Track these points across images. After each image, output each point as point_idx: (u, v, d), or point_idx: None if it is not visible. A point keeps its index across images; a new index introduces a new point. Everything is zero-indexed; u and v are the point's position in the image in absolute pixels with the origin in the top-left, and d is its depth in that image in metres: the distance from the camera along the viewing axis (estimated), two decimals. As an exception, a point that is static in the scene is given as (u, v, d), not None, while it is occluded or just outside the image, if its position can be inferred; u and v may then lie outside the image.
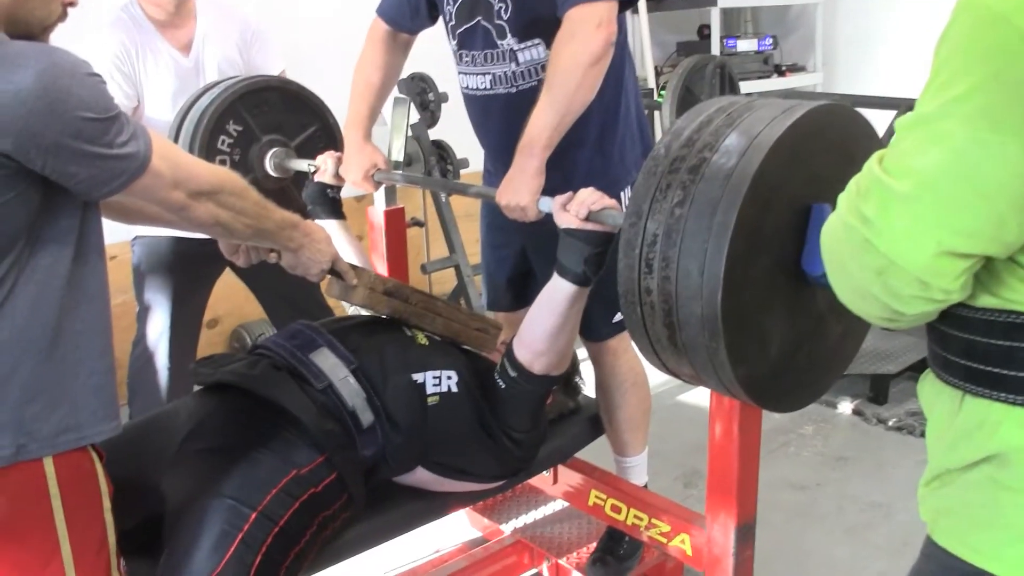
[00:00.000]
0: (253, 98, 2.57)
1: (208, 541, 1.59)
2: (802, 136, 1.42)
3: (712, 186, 1.39)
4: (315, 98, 2.72)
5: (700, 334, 1.43)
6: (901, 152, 0.99)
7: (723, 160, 1.40)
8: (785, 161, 1.40)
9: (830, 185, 1.45)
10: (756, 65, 5.82)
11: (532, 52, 2.16)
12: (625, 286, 1.51)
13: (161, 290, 2.99)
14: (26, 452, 1.35)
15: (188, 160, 1.55)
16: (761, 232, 1.41)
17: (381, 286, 2.03)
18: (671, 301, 1.44)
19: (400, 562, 2.71)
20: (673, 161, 1.46)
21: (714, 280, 1.37)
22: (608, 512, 2.28)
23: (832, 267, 1.11)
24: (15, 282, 1.33)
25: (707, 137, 1.46)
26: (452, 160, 4.17)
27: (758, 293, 1.45)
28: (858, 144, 1.53)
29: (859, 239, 1.01)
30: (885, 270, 1.00)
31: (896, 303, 1.02)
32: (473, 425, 1.94)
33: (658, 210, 1.44)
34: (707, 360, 1.48)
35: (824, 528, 2.97)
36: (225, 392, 1.86)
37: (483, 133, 2.40)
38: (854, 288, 1.07)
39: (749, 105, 1.51)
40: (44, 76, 1.27)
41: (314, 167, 2.42)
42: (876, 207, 0.99)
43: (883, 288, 1.01)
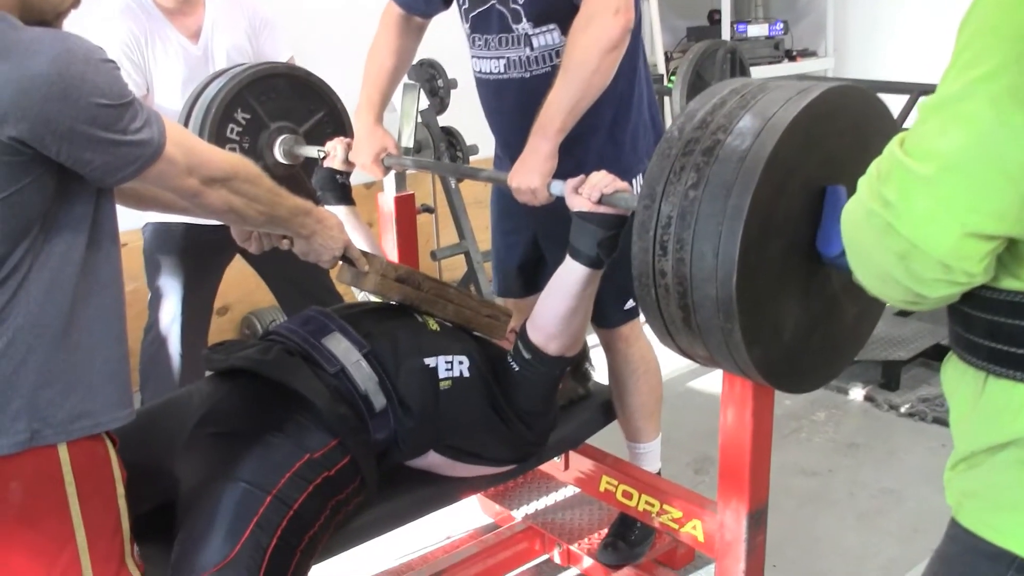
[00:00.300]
0: (261, 85, 2.57)
1: (223, 525, 1.59)
2: (816, 118, 1.42)
3: (726, 168, 1.39)
4: (322, 83, 2.71)
5: (715, 316, 1.44)
6: (923, 134, 0.98)
7: (737, 142, 1.40)
8: (799, 143, 1.40)
9: (844, 167, 1.44)
10: (767, 50, 5.79)
11: (547, 37, 2.15)
12: (639, 268, 1.51)
13: (172, 276, 3.00)
14: (41, 438, 1.36)
15: (202, 147, 1.55)
16: (775, 214, 1.41)
17: (393, 273, 2.03)
18: (685, 283, 1.44)
19: (412, 548, 2.72)
20: (687, 143, 1.46)
21: (729, 263, 1.37)
22: (619, 498, 2.28)
23: (853, 252, 1.10)
24: (29, 268, 1.34)
25: (721, 119, 1.45)
26: (462, 146, 4.16)
27: (772, 275, 1.45)
28: (873, 125, 1.53)
29: (881, 223, 1.00)
30: (907, 254, 0.99)
31: (919, 286, 1.02)
32: (485, 410, 1.95)
33: (672, 192, 1.44)
34: (722, 342, 1.48)
35: (835, 514, 2.97)
36: (238, 377, 1.87)
37: (495, 118, 2.39)
38: (876, 273, 1.07)
39: (763, 87, 1.51)
40: (58, 62, 1.27)
41: (323, 153, 2.42)
42: (898, 190, 0.98)
43: (906, 272, 1.01)
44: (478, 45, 2.27)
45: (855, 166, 1.46)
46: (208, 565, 1.56)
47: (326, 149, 2.41)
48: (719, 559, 2.04)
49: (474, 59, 2.32)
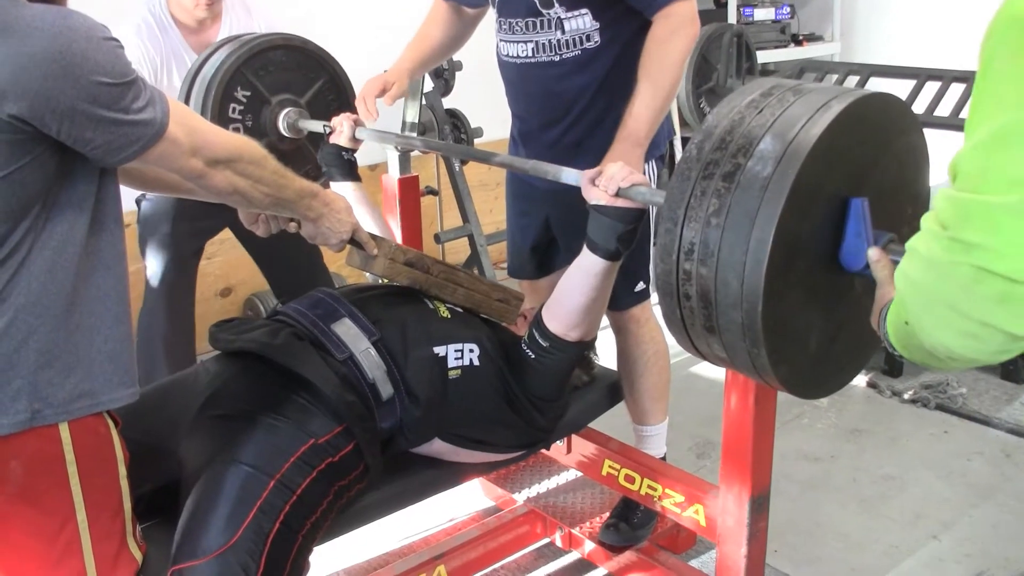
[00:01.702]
0: (258, 60, 2.53)
1: (226, 508, 1.59)
2: (839, 134, 1.39)
3: (748, 196, 1.36)
4: (320, 50, 2.65)
5: (741, 340, 1.43)
6: (989, 168, 0.94)
7: (759, 168, 1.37)
8: (822, 164, 1.37)
9: (866, 173, 1.44)
10: (773, 34, 5.75)
11: (579, 21, 2.17)
12: (664, 288, 1.49)
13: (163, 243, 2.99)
14: (41, 417, 1.36)
15: (206, 127, 1.54)
16: (799, 238, 1.39)
17: (402, 256, 2.02)
18: (711, 308, 1.43)
19: (414, 530, 2.73)
20: (707, 165, 1.43)
21: (754, 294, 1.36)
22: (622, 482, 2.28)
23: (931, 316, 1.04)
24: (31, 248, 1.33)
25: (740, 139, 1.42)
26: (466, 129, 4.15)
27: (797, 295, 1.44)
28: (894, 127, 1.50)
29: (968, 272, 0.95)
30: (1008, 295, 0.94)
31: (1019, 326, 0.96)
32: (495, 398, 1.94)
33: (694, 218, 1.42)
34: (749, 363, 1.48)
35: (838, 500, 2.97)
36: (245, 358, 1.86)
37: (520, 101, 2.40)
38: (965, 330, 1.00)
39: (782, 100, 1.46)
40: (60, 39, 1.25)
41: (329, 128, 2.39)
42: (984, 229, 0.93)
43: (1007, 316, 0.95)
44: (504, 29, 2.28)
45: (876, 169, 1.46)
46: (210, 549, 1.56)
47: (332, 124, 2.38)
48: (721, 543, 2.04)
49: (501, 43, 2.33)
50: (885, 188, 1.49)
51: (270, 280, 3.39)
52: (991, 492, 2.97)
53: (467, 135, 4.16)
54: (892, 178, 1.51)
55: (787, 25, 5.82)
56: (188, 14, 2.86)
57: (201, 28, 2.90)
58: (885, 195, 1.48)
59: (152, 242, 2.99)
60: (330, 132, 2.39)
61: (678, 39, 2.09)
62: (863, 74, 4.30)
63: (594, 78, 2.21)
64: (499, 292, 2.16)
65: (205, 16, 2.88)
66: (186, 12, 2.86)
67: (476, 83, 3.04)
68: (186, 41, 2.90)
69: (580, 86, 2.23)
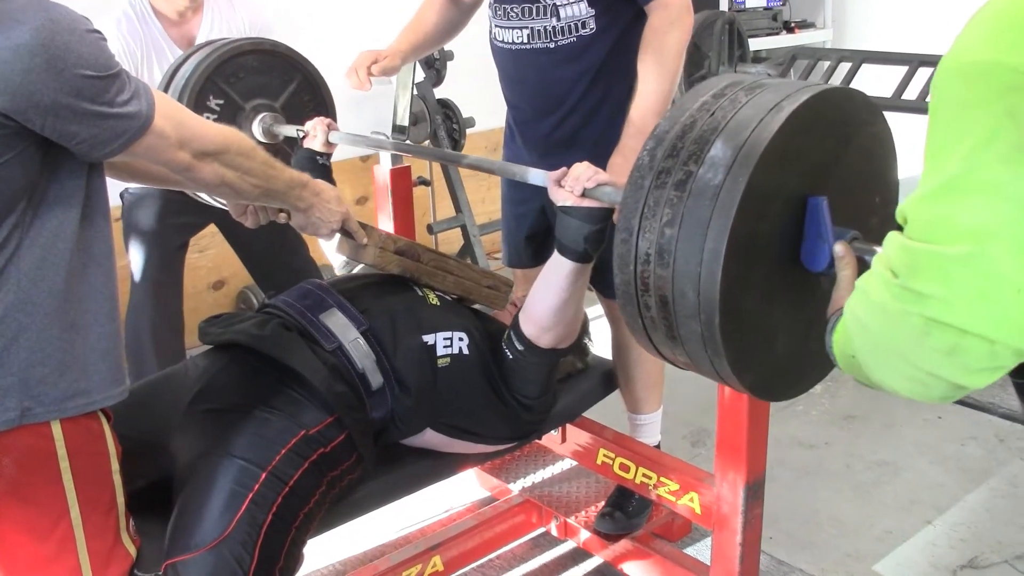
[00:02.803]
0: (229, 67, 2.46)
1: (218, 502, 1.59)
2: (793, 134, 1.33)
3: (700, 205, 1.32)
4: (292, 51, 2.60)
5: (703, 350, 1.40)
6: (938, 219, 0.93)
7: (710, 175, 1.32)
8: (776, 167, 1.33)
9: (827, 170, 1.40)
10: (765, 22, 5.76)
11: (574, 8, 2.17)
12: (624, 299, 1.46)
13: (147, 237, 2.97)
14: (31, 416, 1.35)
15: (193, 120, 1.52)
16: (757, 243, 1.35)
17: (392, 245, 2.01)
18: (671, 319, 1.40)
19: (410, 521, 2.73)
20: (659, 174, 1.38)
21: (710, 304, 1.32)
22: (616, 471, 2.28)
23: (878, 359, 1.03)
24: (19, 245, 1.32)
25: (691, 145, 1.37)
26: (458, 119, 4.14)
27: (759, 299, 1.40)
28: (856, 120, 1.45)
29: (919, 323, 0.94)
30: (956, 348, 0.93)
31: (967, 379, 0.96)
32: (484, 388, 1.94)
33: (648, 228, 1.38)
34: (713, 372, 1.45)
35: (832, 486, 2.97)
36: (235, 351, 1.86)
37: (514, 88, 2.39)
38: (912, 376, 0.99)
39: (734, 101, 1.41)
40: (42, 32, 1.24)
41: (303, 132, 2.36)
42: (935, 280, 0.92)
43: (954, 368, 0.95)
44: (499, 14, 2.28)
45: (839, 166, 1.41)
46: (204, 542, 1.56)
47: (306, 128, 2.35)
48: (716, 531, 2.04)
49: (496, 28, 2.32)
50: (851, 182, 1.44)
51: (256, 275, 3.38)
52: (985, 477, 2.98)
53: (459, 125, 4.16)
54: (858, 171, 1.47)
55: (779, 12, 5.82)
56: (169, 5, 2.82)
57: (183, 20, 2.87)
58: (851, 188, 1.44)
59: (136, 237, 2.98)
60: (303, 136, 2.36)
61: (676, 30, 2.09)
62: (855, 60, 4.30)
63: (590, 66, 2.21)
64: (489, 279, 2.16)
65: (186, 7, 2.83)
66: (167, 3, 2.82)
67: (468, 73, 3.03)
68: (167, 34, 2.86)
69: (575, 74, 2.22)
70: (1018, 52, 0.87)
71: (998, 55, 0.88)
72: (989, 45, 0.90)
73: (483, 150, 4.87)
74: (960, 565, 2.57)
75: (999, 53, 0.88)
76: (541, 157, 2.38)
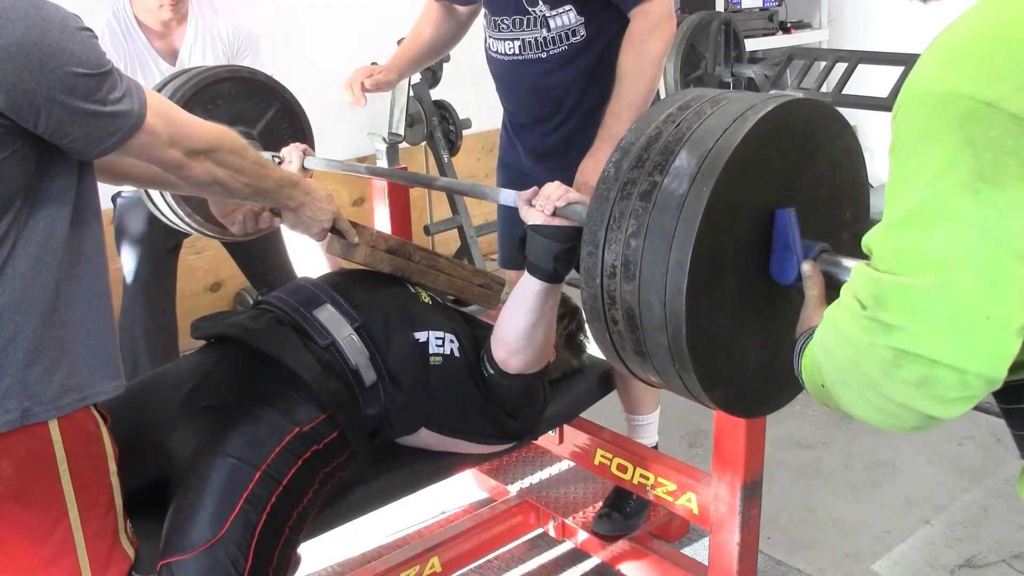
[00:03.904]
0: (206, 94, 2.40)
1: (212, 501, 1.59)
2: (758, 144, 1.32)
3: (665, 215, 1.31)
4: (269, 79, 2.57)
5: (671, 364, 1.38)
6: (903, 250, 0.93)
7: (674, 185, 1.31)
8: (742, 177, 1.31)
9: (794, 182, 1.38)
10: (761, 22, 5.75)
11: (563, 18, 2.18)
12: (591, 314, 1.45)
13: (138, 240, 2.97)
14: (31, 416, 1.34)
15: (185, 117, 1.52)
16: (722, 255, 1.33)
17: (383, 244, 2.01)
18: (638, 332, 1.38)
19: (407, 523, 2.73)
20: (624, 185, 1.38)
21: (677, 316, 1.30)
22: (614, 471, 2.28)
23: (848, 390, 1.01)
24: (14, 244, 1.32)
25: (656, 156, 1.37)
26: (454, 120, 4.14)
27: (726, 313, 1.38)
28: (820, 134, 1.44)
29: (887, 355, 0.93)
30: (926, 379, 0.92)
31: (939, 410, 0.95)
32: (473, 392, 1.93)
33: (614, 240, 1.37)
34: (682, 387, 1.43)
35: (830, 486, 2.97)
36: (228, 347, 1.86)
37: (509, 97, 2.42)
38: (883, 408, 0.98)
39: (699, 112, 1.40)
40: (33, 30, 1.24)
41: (279, 159, 2.32)
42: (902, 311, 0.92)
43: (926, 399, 0.94)
44: (492, 26, 2.30)
45: (806, 177, 1.40)
46: (198, 542, 1.56)
47: (281, 155, 2.31)
48: (714, 531, 2.05)
49: (489, 39, 2.35)
50: (819, 194, 1.43)
51: (251, 277, 3.38)
52: (982, 476, 2.98)
53: (455, 127, 4.16)
54: (826, 184, 1.45)
55: (775, 13, 5.82)
56: (153, 16, 2.81)
57: (167, 31, 2.86)
58: (820, 201, 1.43)
59: (128, 240, 2.97)
60: (280, 162, 2.34)
61: (655, 38, 2.11)
62: (851, 60, 4.31)
63: (582, 71, 2.22)
64: (481, 277, 2.16)
65: (170, 17, 2.82)
66: (151, 14, 2.81)
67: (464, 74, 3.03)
68: (151, 45, 2.85)
69: (568, 80, 2.24)
70: (974, 80, 0.88)
71: (955, 84, 0.89)
72: (946, 74, 0.90)
73: (479, 151, 4.87)
74: (958, 564, 2.57)
75: (956, 82, 0.89)
76: (537, 161, 2.39)
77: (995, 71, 0.87)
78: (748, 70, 4.58)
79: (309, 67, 4.19)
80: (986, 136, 0.87)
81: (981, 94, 0.87)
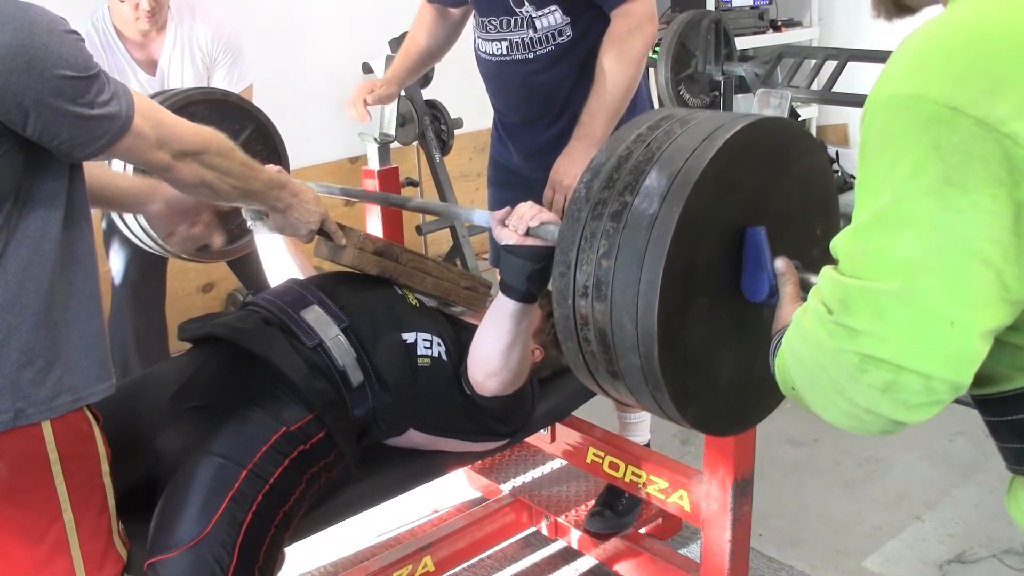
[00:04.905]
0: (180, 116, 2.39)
1: (198, 500, 1.59)
2: (728, 164, 1.32)
3: (636, 235, 1.31)
4: (243, 101, 2.53)
5: (643, 384, 1.37)
6: (872, 252, 0.92)
7: (645, 205, 1.31)
8: (712, 196, 1.31)
9: (764, 200, 1.39)
10: (751, 21, 5.76)
11: (549, 19, 2.19)
12: (564, 334, 1.44)
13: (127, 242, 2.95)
14: (24, 417, 1.35)
15: (172, 120, 1.53)
16: (694, 275, 1.33)
17: (371, 246, 2.01)
18: (611, 352, 1.37)
19: (399, 522, 2.73)
20: (596, 205, 1.37)
21: (648, 337, 1.30)
22: (606, 469, 2.29)
23: (816, 394, 1.02)
24: (6, 245, 1.32)
25: (627, 176, 1.36)
26: (446, 120, 4.14)
27: (699, 333, 1.37)
28: (789, 152, 1.44)
29: (854, 360, 0.93)
30: (892, 384, 0.92)
31: (905, 415, 0.94)
32: (459, 396, 1.92)
33: (585, 260, 1.37)
34: (656, 407, 1.42)
35: (822, 483, 2.99)
36: (215, 347, 1.85)
37: (498, 96, 2.43)
38: (849, 412, 0.98)
39: (669, 132, 1.40)
40: (21, 33, 1.24)
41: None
42: (868, 316, 0.92)
43: (891, 404, 0.93)
44: (480, 27, 2.31)
45: (778, 195, 1.40)
46: (183, 541, 1.55)
47: None
48: (705, 528, 2.05)
49: (478, 40, 2.36)
50: (790, 212, 1.43)
51: (242, 278, 3.37)
52: (973, 472, 3.00)
53: (447, 126, 4.16)
54: (796, 201, 1.46)
55: (765, 11, 5.83)
56: (131, 27, 2.80)
57: (146, 41, 2.85)
58: (791, 219, 1.43)
59: (117, 242, 2.97)
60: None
61: (635, 39, 2.11)
62: (841, 59, 4.32)
63: (570, 71, 2.23)
64: (467, 280, 2.17)
65: (148, 28, 2.81)
66: (129, 25, 2.80)
67: (456, 74, 3.02)
68: (131, 56, 2.84)
69: (556, 80, 2.25)
70: (940, 84, 0.88)
71: (921, 88, 0.88)
72: (912, 78, 0.90)
73: (471, 150, 4.87)
74: (948, 560, 2.59)
75: (922, 86, 0.88)
76: (528, 159, 2.40)
77: (960, 75, 0.87)
78: (738, 68, 4.58)
79: (301, 67, 4.20)
80: (952, 140, 0.86)
81: (947, 98, 0.87)
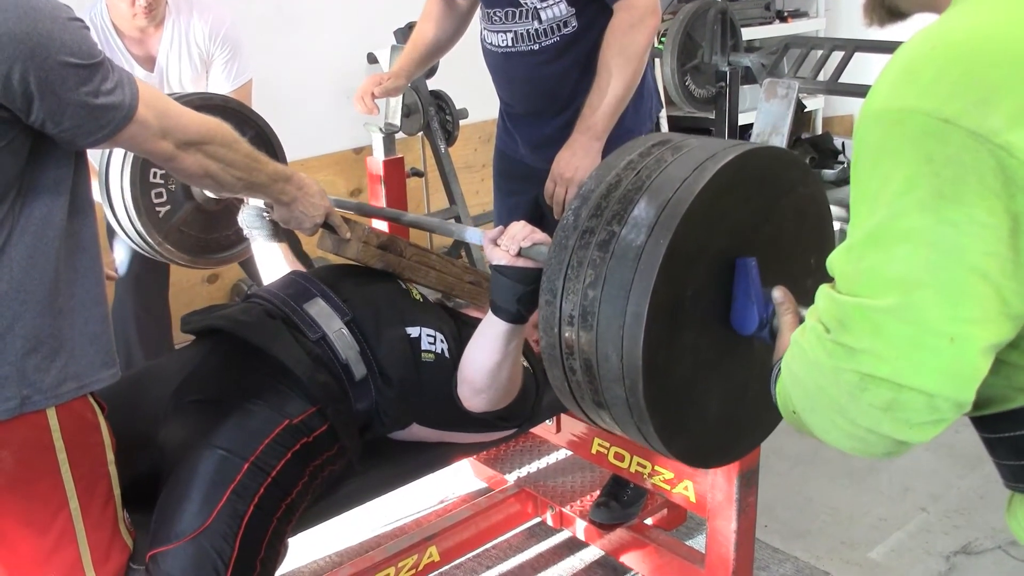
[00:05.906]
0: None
1: (199, 492, 1.58)
2: (718, 195, 1.30)
3: (623, 266, 1.28)
4: (242, 107, 2.48)
5: (629, 416, 1.35)
6: (864, 270, 0.91)
7: (632, 235, 1.29)
8: (701, 227, 1.29)
9: (755, 230, 1.36)
10: (758, 11, 5.75)
11: (554, 10, 2.19)
12: (550, 363, 1.42)
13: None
14: (30, 404, 1.35)
15: (177, 109, 1.52)
16: (681, 307, 1.30)
17: (375, 240, 2.01)
18: (596, 383, 1.35)
19: (405, 512, 2.74)
20: (583, 234, 1.35)
21: (634, 370, 1.28)
22: (611, 460, 2.29)
23: (817, 416, 1.00)
24: (10, 233, 1.32)
25: (615, 205, 1.34)
26: (451, 110, 4.14)
27: (686, 366, 1.35)
28: (781, 181, 1.42)
29: (853, 379, 0.92)
30: (893, 403, 0.90)
31: (908, 435, 0.92)
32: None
33: (571, 290, 1.34)
34: (642, 438, 1.40)
35: (827, 474, 2.98)
36: (218, 339, 1.85)
37: (504, 87, 2.43)
38: (852, 433, 0.96)
39: (660, 160, 1.37)
40: (25, 20, 1.24)
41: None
42: (866, 334, 0.90)
43: (893, 424, 0.92)
44: (486, 18, 2.31)
45: (767, 224, 1.38)
46: (184, 532, 1.55)
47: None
48: (711, 519, 2.05)
49: (484, 31, 2.36)
50: (782, 242, 1.42)
51: (246, 268, 3.37)
52: (978, 463, 2.99)
53: (452, 116, 4.16)
54: (789, 231, 1.44)
55: (772, 1, 5.82)
56: (129, 23, 2.78)
57: (144, 36, 2.83)
58: (783, 249, 1.41)
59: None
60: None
61: (638, 32, 2.10)
62: (848, 49, 4.30)
63: (575, 62, 2.22)
64: (471, 274, 2.17)
65: (146, 24, 2.78)
66: (127, 21, 2.78)
67: (461, 64, 3.01)
68: (129, 52, 2.83)
69: (561, 71, 2.25)
70: (931, 96, 0.86)
71: (912, 101, 0.87)
72: (903, 91, 0.89)
73: (476, 141, 4.87)
74: (954, 551, 2.59)
75: (913, 99, 0.87)
76: (534, 150, 2.39)
77: (952, 87, 0.86)
78: (745, 59, 4.57)
79: (305, 57, 4.19)
80: (944, 153, 0.85)
81: (938, 111, 0.85)
